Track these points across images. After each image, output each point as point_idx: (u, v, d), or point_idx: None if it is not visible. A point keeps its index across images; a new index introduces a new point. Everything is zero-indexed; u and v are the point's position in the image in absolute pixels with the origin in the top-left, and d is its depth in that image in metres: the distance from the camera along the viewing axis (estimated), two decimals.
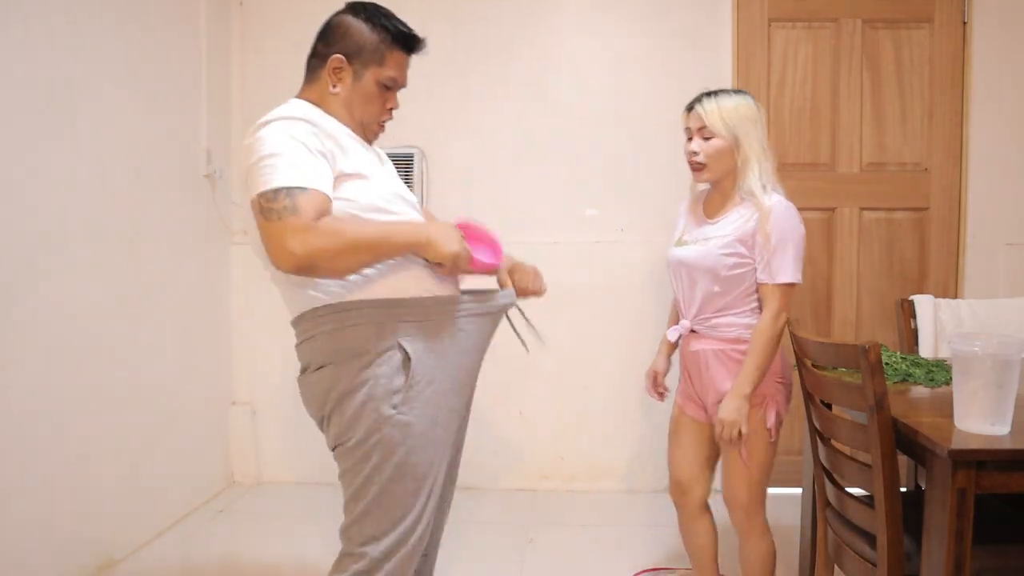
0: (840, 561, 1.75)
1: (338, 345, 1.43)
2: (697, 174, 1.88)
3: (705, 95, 1.86)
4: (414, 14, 1.66)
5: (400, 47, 1.53)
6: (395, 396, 1.40)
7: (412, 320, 1.43)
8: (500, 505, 3.04)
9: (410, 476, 1.42)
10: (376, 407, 1.40)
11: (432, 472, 1.46)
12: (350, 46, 1.52)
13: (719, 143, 1.82)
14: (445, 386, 1.47)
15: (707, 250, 1.82)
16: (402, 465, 1.41)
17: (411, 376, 1.41)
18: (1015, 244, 3.05)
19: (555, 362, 3.19)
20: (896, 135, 3.07)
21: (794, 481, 3.05)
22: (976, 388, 1.42)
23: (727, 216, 1.85)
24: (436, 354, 1.45)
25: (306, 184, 1.34)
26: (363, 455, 1.42)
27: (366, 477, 1.42)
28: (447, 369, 1.47)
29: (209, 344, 3.12)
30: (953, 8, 3.01)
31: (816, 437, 1.80)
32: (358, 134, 1.56)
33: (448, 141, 3.19)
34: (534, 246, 3.18)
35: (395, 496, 1.42)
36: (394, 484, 1.42)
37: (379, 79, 1.52)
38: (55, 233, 2.22)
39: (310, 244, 1.31)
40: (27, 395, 2.11)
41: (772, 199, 1.79)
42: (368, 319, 1.41)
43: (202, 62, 2.99)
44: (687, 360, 1.94)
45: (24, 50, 2.10)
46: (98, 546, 2.41)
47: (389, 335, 1.41)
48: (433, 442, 1.45)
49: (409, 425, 1.41)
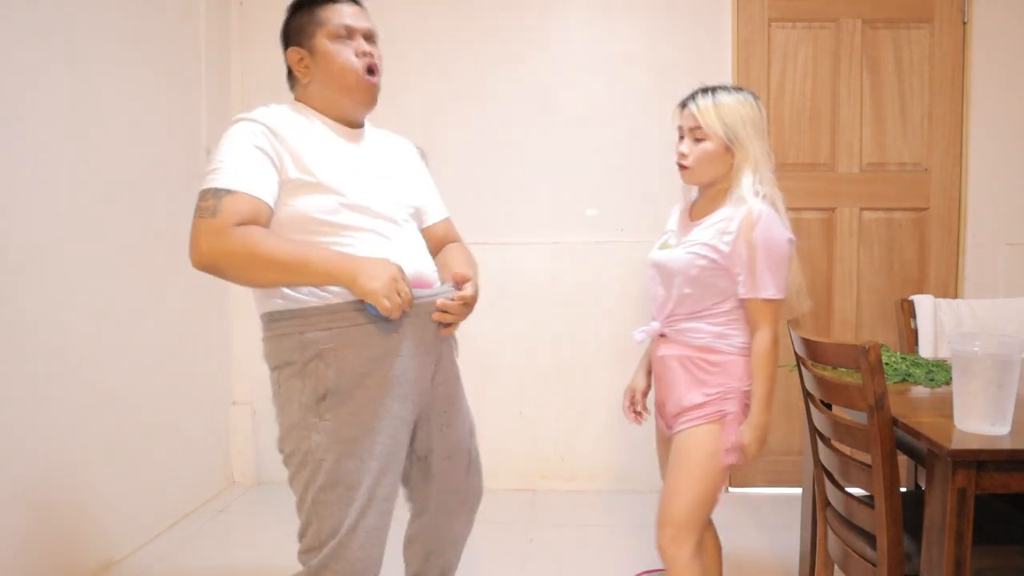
0: (840, 561, 1.75)
1: (273, 353, 1.47)
2: (683, 174, 1.76)
3: (701, 92, 1.71)
4: (414, 14, 1.66)
5: (332, 0, 1.50)
6: (322, 403, 1.40)
7: (336, 327, 1.41)
8: (500, 505, 3.04)
9: (342, 484, 1.40)
10: (304, 416, 1.41)
11: (367, 480, 1.41)
12: (292, 35, 1.54)
13: (710, 146, 1.68)
14: (376, 391, 1.43)
15: (681, 255, 1.69)
16: (332, 472, 1.40)
17: (335, 383, 1.40)
18: (1015, 244, 3.05)
19: (555, 362, 3.19)
20: (896, 135, 3.07)
21: (794, 481, 3.06)
22: (976, 388, 1.42)
23: (708, 219, 1.71)
24: (364, 359, 1.42)
25: (236, 187, 1.35)
26: (298, 464, 1.43)
27: (303, 486, 1.43)
28: (379, 373, 1.43)
29: (209, 344, 3.12)
30: (953, 8, 3.01)
31: (816, 437, 1.80)
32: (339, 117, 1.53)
33: (448, 141, 3.19)
34: (534, 246, 3.21)
35: (328, 505, 1.40)
36: (325, 493, 1.40)
37: (330, 34, 1.48)
38: (54, 233, 2.22)
39: (216, 247, 1.32)
40: (27, 395, 2.11)
41: (757, 206, 1.63)
42: (293, 328, 1.42)
43: (202, 62, 2.99)
44: (655, 367, 1.82)
45: (23, 50, 2.10)
46: (98, 546, 2.41)
47: (312, 343, 1.41)
48: (367, 449, 1.42)
49: (336, 431, 1.40)
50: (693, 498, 1.66)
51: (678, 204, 1.91)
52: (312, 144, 1.46)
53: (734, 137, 1.67)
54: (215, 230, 1.33)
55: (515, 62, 3.16)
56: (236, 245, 1.32)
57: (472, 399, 1.75)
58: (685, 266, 1.68)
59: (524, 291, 3.17)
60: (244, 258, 1.33)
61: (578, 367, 3.19)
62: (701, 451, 1.66)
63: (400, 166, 1.64)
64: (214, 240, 1.33)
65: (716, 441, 1.66)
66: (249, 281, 1.39)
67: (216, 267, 1.34)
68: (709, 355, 1.69)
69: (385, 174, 1.57)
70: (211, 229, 1.33)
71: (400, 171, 1.63)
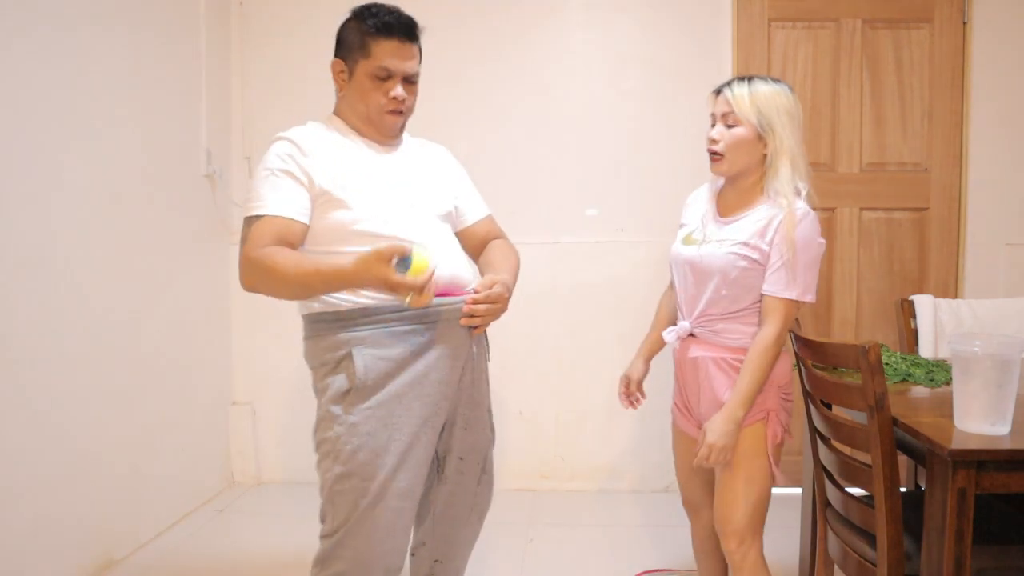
0: (840, 561, 1.75)
1: (312, 352, 1.58)
2: (714, 164, 1.69)
3: (738, 80, 1.68)
4: (413, 14, 1.66)
5: (384, 35, 1.54)
6: (347, 398, 1.49)
7: (362, 328, 1.50)
8: (500, 505, 3.02)
9: (357, 475, 1.48)
10: (330, 408, 1.51)
11: (382, 474, 1.48)
12: (342, 48, 1.60)
13: (743, 132, 1.64)
14: (398, 390, 1.50)
15: (721, 252, 1.65)
16: (348, 462, 1.48)
17: (357, 380, 1.48)
18: (1015, 244, 3.05)
19: (555, 362, 3.19)
20: (896, 135, 3.06)
21: (794, 481, 3.05)
22: (976, 388, 1.42)
23: (746, 216, 1.67)
24: (388, 360, 1.50)
25: (263, 211, 1.48)
26: (323, 453, 1.53)
27: (324, 475, 1.53)
28: (403, 373, 1.51)
29: (209, 344, 3.12)
30: (953, 8, 3.01)
31: (816, 437, 1.80)
32: (369, 134, 1.61)
33: (448, 141, 3.15)
34: (534, 246, 3.20)
35: (342, 494, 1.49)
36: (340, 482, 1.49)
37: (369, 71, 1.55)
38: (54, 233, 2.22)
39: (246, 272, 1.49)
40: (27, 395, 2.11)
41: (800, 206, 1.62)
42: (326, 330, 1.53)
43: (202, 62, 2.98)
44: (684, 367, 1.77)
45: (23, 51, 2.10)
46: (98, 546, 2.41)
47: (343, 344, 1.50)
48: (384, 444, 1.49)
49: (356, 425, 1.48)
50: (752, 501, 1.66)
51: (697, 194, 1.85)
52: (342, 159, 1.55)
53: (767, 125, 1.63)
54: (245, 258, 1.48)
55: (515, 62, 3.16)
56: (257, 268, 1.46)
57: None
58: (725, 267, 1.64)
59: (524, 291, 3.15)
60: (265, 278, 1.46)
61: (578, 367, 3.18)
62: (751, 452, 1.66)
63: (434, 172, 1.71)
64: (244, 267, 1.48)
65: (763, 440, 1.66)
66: (282, 296, 1.50)
67: (255, 289, 1.50)
68: (744, 355, 1.65)
69: (417, 182, 1.63)
70: (243, 258, 1.48)
71: (434, 177, 1.69)
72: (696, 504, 1.89)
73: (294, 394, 3.13)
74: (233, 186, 3.18)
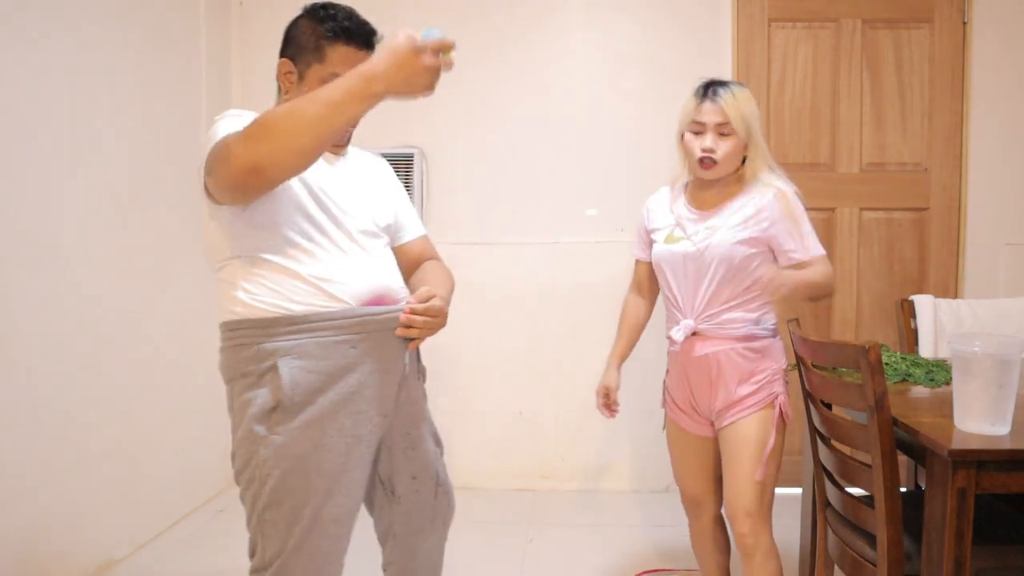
0: (840, 561, 1.75)
1: (229, 364, 1.42)
2: (706, 170, 1.75)
3: (719, 85, 1.75)
4: (414, 14, 1.66)
5: (343, 40, 1.42)
6: (272, 416, 1.35)
7: (290, 339, 1.35)
8: (500, 505, 3.04)
9: (287, 502, 1.34)
10: (252, 428, 1.36)
11: (313, 500, 1.35)
12: (292, 48, 1.48)
13: (736, 142, 1.73)
14: (328, 406, 1.36)
15: (718, 239, 1.72)
16: (277, 489, 1.34)
17: (284, 395, 1.34)
18: (1015, 244, 3.05)
19: (555, 362, 3.19)
20: (896, 135, 3.07)
21: (794, 481, 3.05)
22: (976, 388, 1.42)
23: (730, 205, 1.76)
24: (317, 373, 1.36)
25: (232, 129, 1.29)
26: (247, 480, 1.39)
27: (251, 504, 1.38)
28: (333, 389, 1.37)
29: (209, 344, 3.09)
30: (953, 8, 3.01)
31: (816, 437, 1.80)
32: None
33: (448, 141, 3.19)
34: (534, 246, 3.20)
35: (273, 524, 1.36)
36: (270, 511, 1.36)
37: (322, 77, 1.40)
38: (54, 234, 2.22)
39: (239, 148, 1.22)
40: (27, 395, 2.11)
41: (784, 184, 1.76)
42: (248, 338, 1.37)
43: (202, 62, 2.99)
44: (691, 367, 1.79)
45: (23, 51, 2.10)
46: (98, 546, 2.41)
47: (268, 355, 1.35)
48: (314, 467, 1.35)
49: (284, 446, 1.34)
50: (763, 484, 1.72)
51: (657, 199, 1.93)
52: None
53: (751, 131, 1.74)
54: (231, 139, 1.24)
55: (515, 62, 3.16)
56: (256, 129, 1.22)
57: (472, 399, 1.75)
58: (727, 253, 1.71)
59: (524, 291, 3.17)
60: (272, 129, 1.22)
61: (578, 367, 3.18)
62: (761, 437, 1.72)
63: (375, 185, 1.59)
64: (235, 143, 1.23)
65: (772, 424, 1.73)
66: (298, 144, 1.23)
67: (257, 159, 1.22)
68: (751, 343, 1.74)
69: (357, 193, 1.52)
70: (226, 142, 1.25)
71: (374, 190, 1.58)
72: (699, 499, 1.91)
73: None
74: None
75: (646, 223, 1.93)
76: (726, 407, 1.76)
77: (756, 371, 1.75)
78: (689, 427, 1.87)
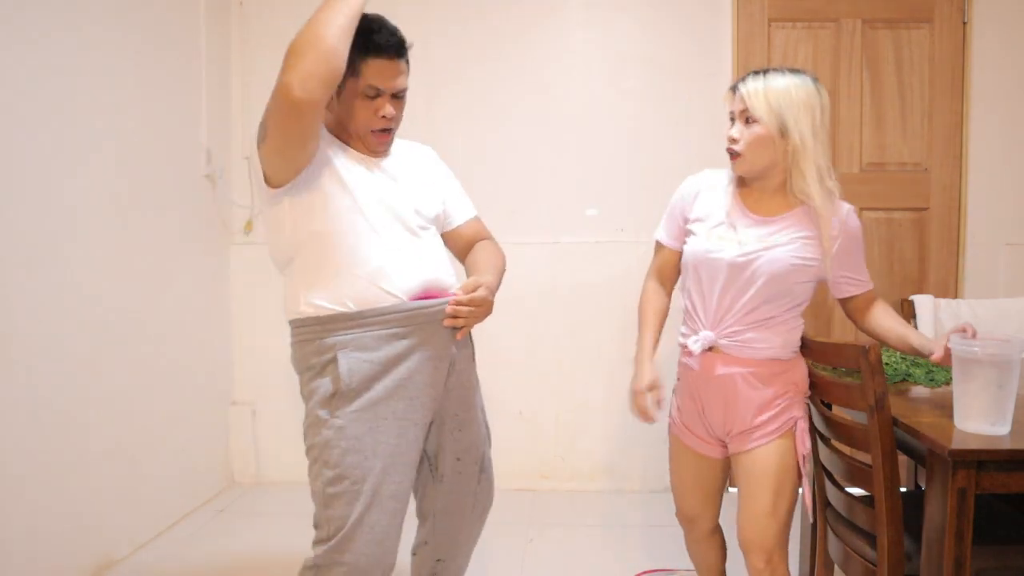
0: (840, 561, 1.75)
1: (298, 357, 1.58)
2: (734, 163, 1.62)
3: (753, 74, 1.59)
4: (414, 14, 1.66)
5: (373, 54, 1.50)
6: (332, 401, 1.50)
7: (348, 333, 1.50)
8: (500, 505, 3.02)
9: (347, 479, 1.48)
10: (318, 412, 1.52)
11: (371, 477, 1.48)
12: None
13: (760, 130, 1.55)
14: (382, 392, 1.51)
15: (776, 253, 1.56)
16: (337, 466, 1.48)
17: (342, 383, 1.49)
18: (1015, 244, 3.05)
19: (555, 362, 3.19)
20: (896, 135, 3.06)
21: None
22: (976, 388, 1.42)
23: (785, 218, 1.60)
24: (372, 363, 1.51)
25: None
26: (313, 458, 1.53)
27: (315, 479, 1.52)
28: (387, 376, 1.52)
29: (209, 344, 3.12)
30: (953, 8, 3.01)
31: (816, 437, 1.80)
32: (358, 148, 1.59)
33: (448, 140, 3.17)
34: (534, 246, 3.20)
35: (335, 498, 1.48)
36: (333, 487, 1.49)
37: (358, 89, 1.52)
38: (54, 234, 2.22)
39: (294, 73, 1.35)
40: (27, 395, 2.11)
41: (846, 205, 1.62)
42: (312, 335, 1.53)
43: (202, 62, 2.98)
44: (709, 387, 1.64)
45: (24, 51, 2.10)
46: (98, 546, 2.41)
47: (328, 348, 1.51)
48: (371, 447, 1.49)
49: (342, 428, 1.49)
50: (782, 517, 1.60)
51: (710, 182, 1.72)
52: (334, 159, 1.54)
53: (783, 122, 1.54)
54: (276, 88, 1.38)
55: (515, 61, 3.16)
56: (287, 61, 1.36)
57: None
58: (781, 271, 1.56)
59: (524, 291, 3.16)
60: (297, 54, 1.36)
61: (578, 367, 3.18)
62: (780, 467, 1.60)
63: (420, 177, 1.68)
64: (280, 82, 1.37)
65: (792, 454, 1.60)
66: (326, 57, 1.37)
67: (302, 81, 1.35)
68: (773, 367, 1.61)
69: (403, 189, 1.61)
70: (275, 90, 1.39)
71: (420, 182, 1.66)
72: (693, 516, 1.81)
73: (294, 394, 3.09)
74: (233, 186, 3.18)
75: (686, 208, 1.71)
76: (743, 432, 1.62)
77: (777, 395, 1.60)
78: (694, 445, 1.72)
